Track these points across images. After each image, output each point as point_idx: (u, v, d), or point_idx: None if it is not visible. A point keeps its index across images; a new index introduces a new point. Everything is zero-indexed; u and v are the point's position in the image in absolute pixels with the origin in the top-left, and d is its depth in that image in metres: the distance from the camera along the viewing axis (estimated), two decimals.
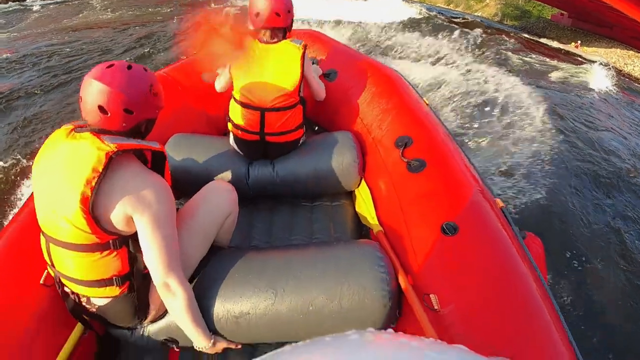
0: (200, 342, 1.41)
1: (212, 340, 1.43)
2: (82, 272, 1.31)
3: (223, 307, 1.44)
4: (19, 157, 3.51)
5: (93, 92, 1.24)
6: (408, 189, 1.80)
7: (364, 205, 1.96)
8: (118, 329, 1.49)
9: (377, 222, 1.81)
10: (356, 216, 2.09)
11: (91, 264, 1.29)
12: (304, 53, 2.03)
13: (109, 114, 1.26)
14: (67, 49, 6.01)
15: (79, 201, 1.20)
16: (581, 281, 2.46)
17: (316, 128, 2.60)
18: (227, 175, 2.07)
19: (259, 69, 2.03)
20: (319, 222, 2.08)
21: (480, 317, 1.35)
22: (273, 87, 2.01)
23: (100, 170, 1.20)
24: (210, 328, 1.44)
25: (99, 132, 1.27)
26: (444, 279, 1.49)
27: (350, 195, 2.20)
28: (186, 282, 1.34)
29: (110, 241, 1.28)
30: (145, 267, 1.33)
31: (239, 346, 1.52)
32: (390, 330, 0.46)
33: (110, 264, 1.31)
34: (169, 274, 1.29)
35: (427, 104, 2.25)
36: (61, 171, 1.24)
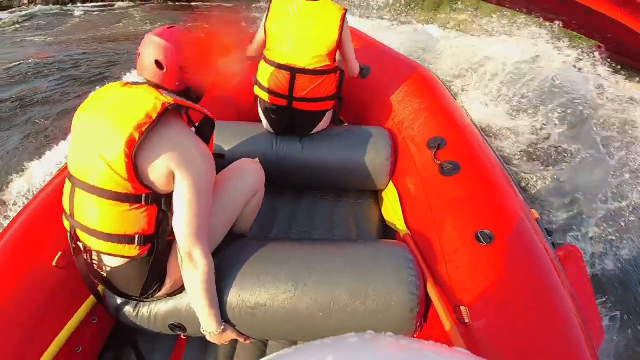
0: (210, 325, 1.34)
1: (222, 327, 1.36)
2: (105, 223, 1.24)
3: (239, 297, 1.37)
4: (25, 162, 3.42)
5: (152, 47, 1.28)
6: (440, 192, 1.69)
7: (391, 207, 1.86)
8: (126, 298, 1.42)
9: (404, 225, 1.70)
10: (381, 217, 1.99)
11: (117, 215, 1.23)
12: (344, 15, 1.92)
13: (165, 70, 1.28)
14: (100, 59, 5.93)
15: (125, 143, 1.15)
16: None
17: (345, 124, 2.50)
18: (255, 154, 1.99)
19: (295, 26, 1.93)
20: (341, 219, 2.01)
21: (514, 336, 1.26)
22: (308, 47, 1.91)
23: (154, 117, 1.17)
24: (223, 317, 1.38)
25: (152, 85, 1.28)
26: (477, 291, 1.39)
27: (376, 195, 2.11)
28: (210, 255, 1.29)
29: (144, 195, 1.22)
30: (171, 234, 1.28)
31: (248, 341, 1.45)
32: (389, 333, 0.45)
33: (137, 219, 1.24)
34: (197, 242, 1.24)
35: (461, 106, 2.14)
36: (111, 113, 1.21)
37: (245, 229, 1.63)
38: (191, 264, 1.26)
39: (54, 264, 1.43)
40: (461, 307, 1.35)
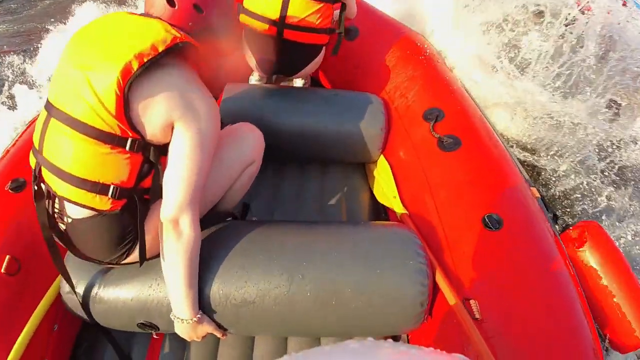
0: (184, 311, 1.13)
1: (198, 316, 1.14)
2: (79, 165, 1.05)
3: (221, 292, 1.16)
4: None
5: None
6: (440, 169, 1.53)
7: (384, 183, 1.68)
8: (89, 261, 1.22)
9: (400, 204, 1.52)
10: (371, 194, 1.81)
11: (94, 157, 1.04)
12: None
13: (177, 7, 1.12)
14: None
15: (119, 72, 0.98)
16: None
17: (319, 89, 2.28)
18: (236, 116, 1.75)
19: None
20: (330, 195, 1.82)
21: (526, 333, 1.15)
22: None
23: (160, 50, 1.01)
24: (200, 308, 1.17)
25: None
26: (486, 283, 1.26)
27: (363, 168, 1.90)
28: (199, 228, 1.10)
29: (130, 139, 1.04)
30: (148, 193, 1.12)
31: (225, 336, 1.25)
32: (389, 340, 0.43)
33: (116, 166, 1.06)
34: (187, 209, 1.07)
35: (456, 77, 1.97)
36: (110, 37, 1.05)
37: (229, 207, 1.41)
38: (174, 232, 1.07)
39: (2, 270, 1.25)
40: (471, 301, 1.21)
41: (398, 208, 1.55)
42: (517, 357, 1.12)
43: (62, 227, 1.16)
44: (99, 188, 1.06)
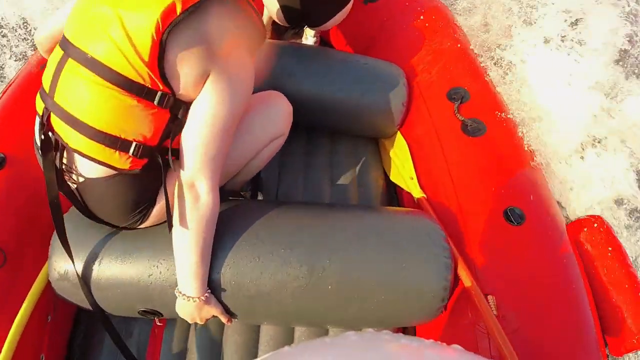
0: (191, 288, 1.04)
1: (206, 294, 1.05)
2: (99, 115, 0.94)
3: (233, 283, 1.08)
4: None
5: None
6: (462, 154, 1.48)
7: (399, 162, 1.61)
8: (99, 222, 1.12)
9: (418, 187, 1.47)
10: (383, 172, 1.74)
11: (118, 108, 0.93)
12: None
13: None
14: None
15: (161, 13, 0.86)
16: None
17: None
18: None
19: None
20: (340, 168, 1.75)
21: (544, 332, 1.15)
22: None
23: None
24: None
25: None
26: (505, 279, 1.25)
27: (374, 143, 1.82)
28: (218, 194, 1.02)
29: (159, 93, 0.93)
30: (171, 153, 1.01)
31: (230, 322, 1.18)
32: (388, 332, 0.43)
33: (141, 121, 0.95)
34: (207, 171, 0.98)
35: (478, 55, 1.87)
36: None
37: (244, 181, 1.33)
38: (190, 195, 0.98)
39: None
40: (488, 297, 1.19)
41: (415, 191, 1.49)
42: (531, 356, 1.11)
43: (72, 185, 1.04)
44: (120, 144, 0.95)
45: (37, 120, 1.03)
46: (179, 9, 0.86)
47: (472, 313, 1.19)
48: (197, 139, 0.97)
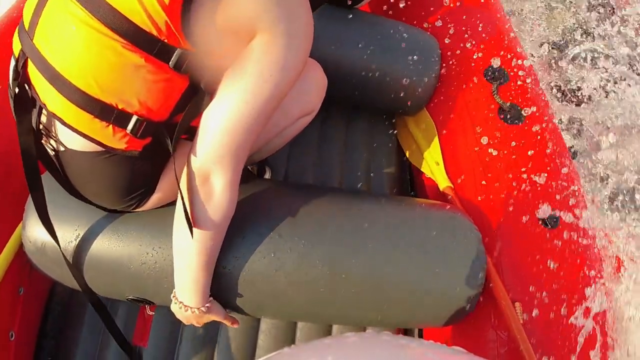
0: (190, 298, 0.89)
1: (208, 304, 0.92)
2: (89, 72, 0.70)
3: (244, 280, 0.96)
4: None
5: None
6: (496, 143, 1.36)
7: (423, 144, 1.48)
8: (84, 201, 0.93)
9: (445, 175, 1.36)
10: (399, 153, 1.61)
11: (118, 67, 0.70)
12: None
13: None
14: None
15: None
16: None
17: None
18: None
19: None
20: (355, 147, 1.62)
21: (570, 346, 1.10)
22: None
23: None
24: (213, 293, 0.95)
25: None
26: (533, 285, 1.17)
27: (390, 119, 1.68)
28: (237, 191, 0.82)
29: (179, 51, 0.70)
30: (187, 132, 0.80)
31: (236, 324, 1.07)
32: (387, 332, 0.36)
33: (148, 88, 0.73)
34: (227, 162, 0.76)
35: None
36: None
37: (259, 159, 1.20)
38: (202, 190, 0.78)
39: None
40: (515, 303, 1.12)
41: (441, 179, 1.38)
42: None
43: (51, 152, 0.84)
44: (115, 115, 0.73)
45: (12, 63, 0.79)
46: None
47: (496, 318, 1.13)
48: (226, 121, 0.74)
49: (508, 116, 1.38)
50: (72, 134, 0.77)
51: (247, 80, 0.72)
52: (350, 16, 1.55)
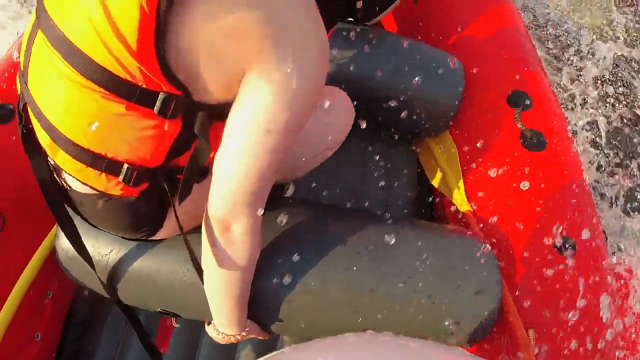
0: (230, 328, 0.92)
1: (246, 330, 0.95)
2: (74, 123, 0.68)
3: (274, 302, 1.00)
4: None
5: None
6: (517, 169, 1.38)
7: (445, 167, 1.50)
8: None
9: (465, 198, 1.38)
10: (417, 175, 1.64)
11: (100, 117, 0.66)
12: None
13: None
14: None
15: None
16: None
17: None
18: None
19: None
20: (373, 167, 1.64)
21: None
22: None
23: None
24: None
25: None
26: (547, 312, 1.17)
27: (412, 142, 1.69)
28: (259, 235, 0.79)
29: (163, 96, 0.64)
30: (184, 172, 0.74)
31: (267, 337, 1.11)
32: (388, 332, 0.43)
33: (134, 136, 0.69)
34: (246, 209, 0.71)
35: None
36: None
37: (284, 179, 1.22)
38: (222, 237, 0.75)
39: None
40: (529, 330, 1.13)
41: (463, 202, 1.41)
42: None
43: (64, 188, 0.85)
44: (105, 165, 0.71)
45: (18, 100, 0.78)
46: None
47: (510, 344, 1.14)
48: (236, 173, 0.68)
49: (530, 143, 1.39)
50: (71, 177, 0.78)
51: (260, 115, 0.65)
52: (372, 36, 1.58)
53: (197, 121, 0.68)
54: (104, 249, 1.01)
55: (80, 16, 0.60)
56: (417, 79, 1.50)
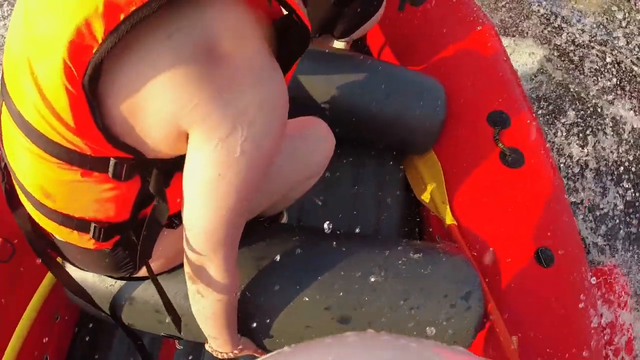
0: (223, 346, 0.97)
1: (239, 347, 1.00)
2: (40, 189, 0.71)
3: (275, 330, 1.07)
4: None
5: None
6: (498, 185, 1.47)
7: (430, 183, 1.58)
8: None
9: (450, 213, 1.46)
10: (406, 191, 1.72)
11: (60, 184, 0.69)
12: None
13: None
14: None
15: (67, 49, 0.54)
16: None
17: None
18: None
19: None
20: (364, 186, 1.73)
21: None
22: None
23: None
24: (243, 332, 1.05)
25: None
26: (529, 321, 1.25)
27: (399, 158, 1.78)
28: (236, 268, 0.80)
29: (113, 161, 0.65)
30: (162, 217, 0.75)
31: (262, 354, 1.15)
32: (386, 332, 0.43)
33: (95, 198, 0.71)
34: (215, 255, 0.74)
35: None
36: None
37: (274, 211, 1.27)
38: (200, 277, 0.79)
39: None
40: (513, 337, 1.20)
41: (447, 217, 1.49)
42: None
43: (51, 239, 0.89)
44: (75, 224, 0.74)
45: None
46: (99, 34, 0.52)
47: (494, 350, 1.21)
48: (201, 226, 0.69)
49: (509, 160, 1.48)
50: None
51: (211, 173, 0.64)
52: (359, 61, 1.68)
53: (151, 180, 0.70)
54: (109, 279, 1.08)
55: (27, 97, 0.61)
56: (402, 102, 1.60)
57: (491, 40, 1.80)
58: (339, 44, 2.01)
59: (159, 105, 0.59)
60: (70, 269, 1.01)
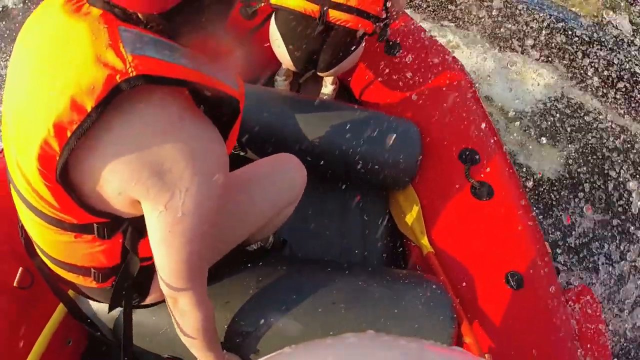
0: None
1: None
2: (46, 246, 0.91)
3: (254, 343, 1.19)
4: None
5: None
6: (471, 216, 1.60)
7: (410, 215, 1.72)
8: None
9: (427, 242, 1.59)
10: (389, 222, 1.85)
11: (59, 244, 0.87)
12: None
13: None
14: None
15: (37, 157, 0.70)
16: None
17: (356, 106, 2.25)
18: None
19: None
20: (351, 219, 1.86)
21: None
22: None
23: (92, 106, 0.64)
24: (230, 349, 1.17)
25: (114, 12, 0.68)
26: (502, 341, 1.35)
27: (383, 193, 1.93)
28: (205, 299, 0.91)
29: (96, 226, 0.80)
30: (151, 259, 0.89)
31: None
32: (385, 333, 0.45)
33: (89, 252, 0.87)
34: (184, 290, 0.86)
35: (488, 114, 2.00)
36: (35, 74, 0.71)
37: (253, 240, 1.39)
38: (176, 309, 0.90)
39: (14, 283, 1.17)
40: (485, 355, 1.31)
41: (425, 246, 1.62)
42: None
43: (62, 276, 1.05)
44: (77, 270, 0.91)
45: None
46: (55, 146, 0.67)
47: None
48: (163, 266, 0.82)
49: (479, 193, 1.62)
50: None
51: (160, 237, 0.78)
52: (344, 110, 1.86)
53: (127, 237, 0.84)
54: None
55: (21, 182, 0.78)
56: (382, 145, 1.76)
57: (461, 82, 1.98)
58: (326, 90, 2.20)
59: (113, 184, 0.72)
60: (83, 300, 1.16)
